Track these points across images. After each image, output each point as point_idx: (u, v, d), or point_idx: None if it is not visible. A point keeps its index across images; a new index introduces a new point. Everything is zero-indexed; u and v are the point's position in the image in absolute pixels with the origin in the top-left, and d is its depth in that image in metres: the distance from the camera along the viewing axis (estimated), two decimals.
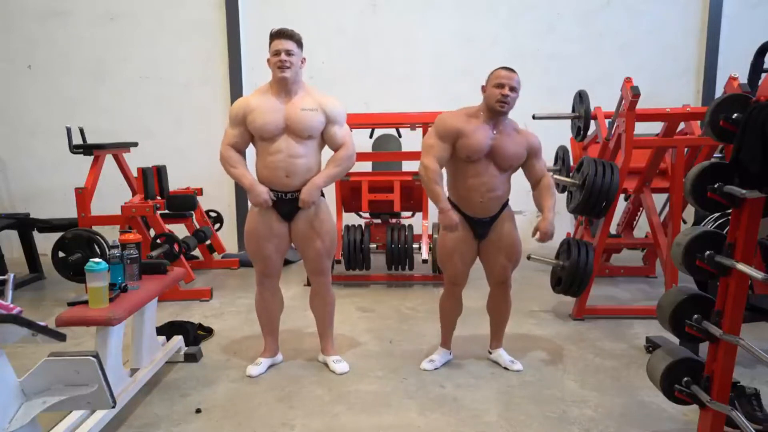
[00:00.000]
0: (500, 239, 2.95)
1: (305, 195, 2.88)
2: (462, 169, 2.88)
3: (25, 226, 5.21)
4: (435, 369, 3.12)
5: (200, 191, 5.62)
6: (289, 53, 2.81)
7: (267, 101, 2.88)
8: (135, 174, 5.02)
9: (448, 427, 2.54)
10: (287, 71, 2.81)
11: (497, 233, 2.95)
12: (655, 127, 4.47)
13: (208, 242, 5.60)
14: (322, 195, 3.03)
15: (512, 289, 3.14)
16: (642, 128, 3.99)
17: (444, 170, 2.91)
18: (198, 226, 5.49)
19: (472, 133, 2.81)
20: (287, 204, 2.93)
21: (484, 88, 2.87)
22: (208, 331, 3.72)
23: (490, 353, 3.23)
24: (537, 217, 6.17)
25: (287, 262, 3.82)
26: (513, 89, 2.78)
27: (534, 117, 4.50)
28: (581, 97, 4.26)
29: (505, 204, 2.98)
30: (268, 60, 2.87)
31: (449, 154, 2.86)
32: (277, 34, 2.84)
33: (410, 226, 4.92)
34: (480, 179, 2.84)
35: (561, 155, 4.90)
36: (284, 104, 2.87)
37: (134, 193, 5.22)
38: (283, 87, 2.87)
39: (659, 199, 4.91)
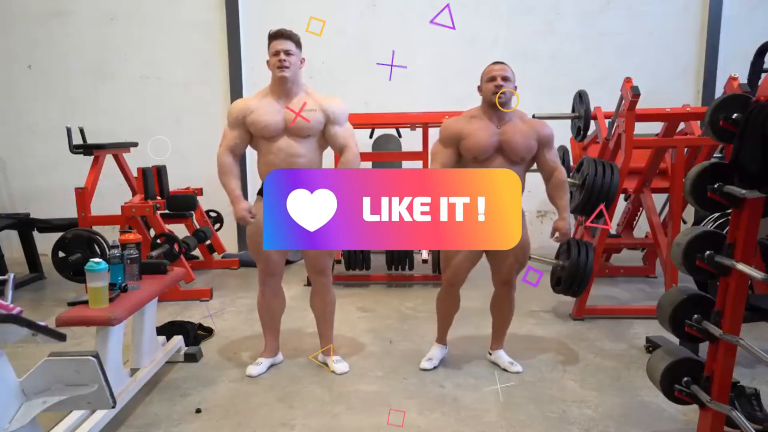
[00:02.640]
0: None
1: None
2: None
3: (25, 226, 5.21)
4: (434, 367, 3.12)
5: (200, 191, 5.62)
6: (287, 53, 2.81)
7: (267, 104, 2.88)
8: (135, 174, 5.02)
9: (448, 427, 2.54)
10: (286, 71, 2.81)
11: None
12: (655, 127, 4.47)
13: (208, 242, 5.60)
14: None
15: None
16: (642, 128, 3.99)
17: None
18: (198, 226, 5.49)
19: (473, 133, 2.83)
20: None
21: (479, 88, 2.91)
22: (208, 331, 3.72)
23: (490, 354, 3.22)
24: (537, 218, 6.24)
25: (287, 262, 3.83)
26: (505, 78, 2.82)
27: (534, 117, 4.49)
28: (581, 97, 4.26)
29: None
30: (268, 61, 2.88)
31: (454, 158, 2.89)
32: (276, 35, 2.84)
33: None
34: None
35: (561, 155, 4.90)
36: (284, 106, 2.87)
37: (134, 193, 5.22)
38: (283, 87, 2.87)
39: (659, 199, 4.91)
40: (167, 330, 3.43)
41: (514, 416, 2.62)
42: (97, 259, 2.51)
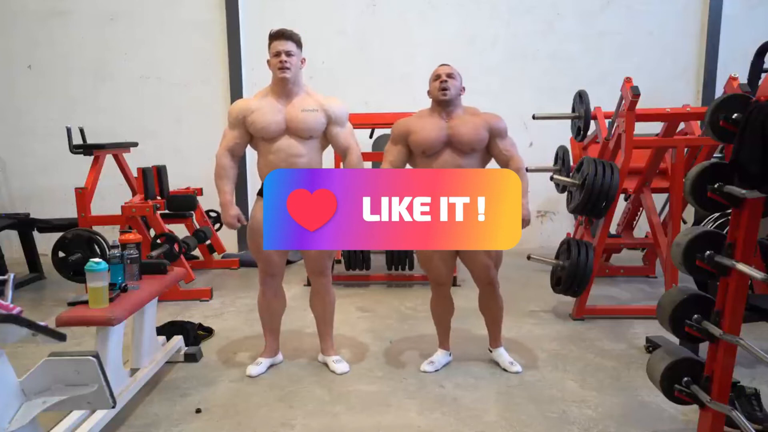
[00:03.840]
0: None
1: None
2: (426, 165, 2.91)
3: (25, 226, 5.21)
4: (435, 371, 3.12)
5: (200, 191, 5.61)
6: (288, 54, 2.82)
7: (268, 103, 2.89)
8: (135, 174, 5.02)
9: (448, 427, 2.54)
10: (287, 72, 2.82)
11: None
12: (655, 127, 4.47)
13: (208, 242, 5.60)
14: None
15: (512, 289, 3.15)
16: (642, 128, 3.99)
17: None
18: (198, 226, 5.49)
19: (421, 128, 2.90)
20: None
21: (429, 92, 2.98)
22: (208, 331, 3.72)
23: (491, 351, 3.22)
24: (537, 218, 6.24)
25: (288, 262, 3.83)
26: (450, 75, 2.90)
27: (534, 117, 4.50)
28: (581, 97, 4.26)
29: None
30: (268, 61, 2.88)
31: (405, 155, 2.97)
32: (277, 35, 2.85)
33: None
34: None
35: (561, 155, 4.89)
36: (285, 106, 2.88)
37: (134, 193, 5.22)
38: (284, 88, 2.88)
39: (659, 199, 4.91)
40: (167, 330, 3.43)
41: (514, 416, 2.62)
42: (97, 259, 2.52)
